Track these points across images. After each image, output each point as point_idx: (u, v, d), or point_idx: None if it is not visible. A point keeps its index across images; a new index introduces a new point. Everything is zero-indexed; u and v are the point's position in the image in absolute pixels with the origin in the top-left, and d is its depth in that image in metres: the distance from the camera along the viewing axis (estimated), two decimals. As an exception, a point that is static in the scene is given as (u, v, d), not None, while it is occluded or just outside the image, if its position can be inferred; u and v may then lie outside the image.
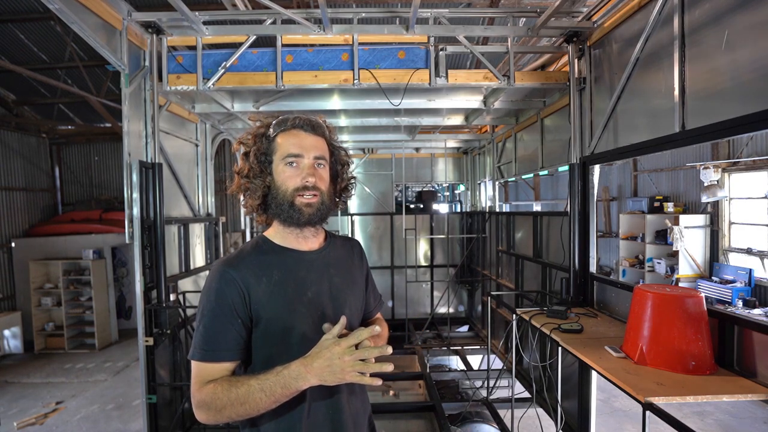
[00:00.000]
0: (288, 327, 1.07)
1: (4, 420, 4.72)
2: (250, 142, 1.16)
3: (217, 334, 1.04)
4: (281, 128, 1.14)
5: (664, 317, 2.05)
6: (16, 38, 6.57)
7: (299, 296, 1.10)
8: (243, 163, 1.16)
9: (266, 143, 1.14)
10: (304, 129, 1.14)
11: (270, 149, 1.14)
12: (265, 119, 1.19)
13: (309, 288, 1.13)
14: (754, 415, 4.61)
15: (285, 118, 1.16)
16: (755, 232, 6.11)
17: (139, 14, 3.04)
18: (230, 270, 1.07)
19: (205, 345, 1.04)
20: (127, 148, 3.09)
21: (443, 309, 7.09)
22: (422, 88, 3.48)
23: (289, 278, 1.11)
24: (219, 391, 0.98)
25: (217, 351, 1.04)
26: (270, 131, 1.15)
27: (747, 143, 6.03)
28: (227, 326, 1.04)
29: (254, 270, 1.08)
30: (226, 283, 1.05)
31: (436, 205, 8.50)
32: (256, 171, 1.13)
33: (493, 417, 3.95)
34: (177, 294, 3.85)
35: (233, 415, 0.98)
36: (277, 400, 0.97)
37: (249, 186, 1.14)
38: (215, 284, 1.06)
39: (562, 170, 4.20)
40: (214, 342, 1.04)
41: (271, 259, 1.12)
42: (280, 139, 1.14)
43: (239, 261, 1.10)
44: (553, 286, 4.02)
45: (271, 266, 1.11)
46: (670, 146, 2.45)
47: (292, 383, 0.95)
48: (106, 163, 9.37)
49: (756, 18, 1.89)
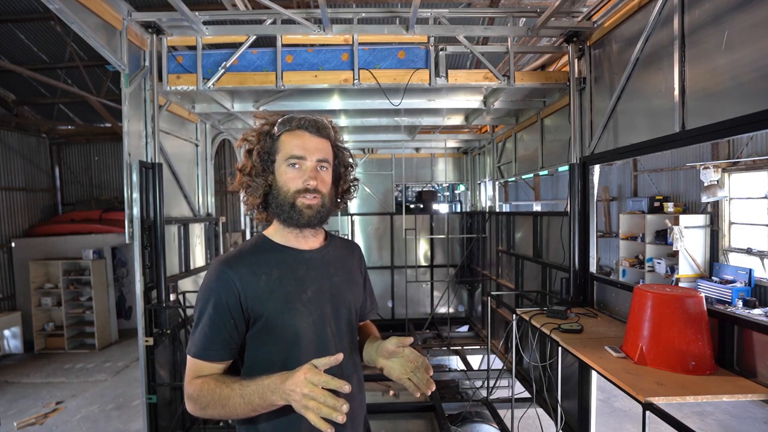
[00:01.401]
0: (286, 325, 1.07)
1: (4, 420, 4.72)
2: (254, 140, 1.15)
3: (211, 333, 1.04)
4: (286, 128, 1.13)
5: (664, 317, 2.05)
6: (16, 38, 6.56)
7: (299, 294, 1.10)
8: (246, 161, 1.15)
9: (270, 142, 1.14)
10: (309, 130, 1.13)
11: (273, 148, 1.13)
12: (271, 117, 1.18)
13: (309, 287, 1.12)
14: (754, 415, 4.61)
15: (290, 117, 1.14)
16: (755, 232, 6.11)
17: (139, 14, 3.04)
18: (227, 269, 1.06)
19: (199, 343, 1.05)
20: (127, 148, 3.08)
21: (443, 309, 7.09)
22: (422, 88, 3.48)
23: (289, 276, 1.11)
24: (205, 390, 1.00)
25: (210, 350, 1.05)
26: (275, 130, 1.14)
27: (747, 143, 6.03)
28: (221, 327, 1.04)
29: (253, 268, 1.08)
30: (222, 283, 1.05)
31: (436, 205, 8.50)
32: (259, 169, 1.13)
33: (493, 417, 3.95)
34: (177, 294, 3.86)
35: (215, 414, 0.99)
36: (255, 409, 0.96)
37: (251, 184, 1.13)
38: (212, 284, 1.06)
39: (562, 170, 4.20)
40: (208, 341, 1.04)
41: (270, 257, 1.12)
42: (284, 139, 1.13)
43: (237, 259, 1.09)
44: (553, 286, 4.02)
45: (271, 264, 1.11)
46: (670, 146, 2.45)
47: (268, 395, 0.94)
48: (106, 163, 9.37)
49: (756, 18, 1.89)
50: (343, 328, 1.18)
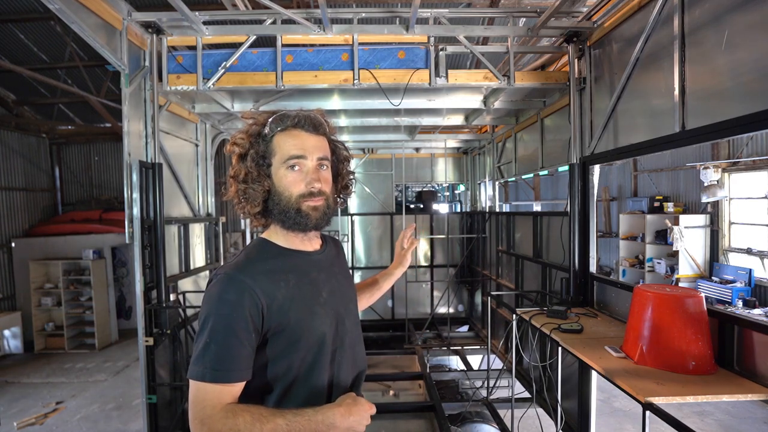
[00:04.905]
0: (312, 330, 1.02)
1: (4, 420, 4.72)
2: (245, 143, 1.06)
3: (233, 350, 0.92)
4: (279, 127, 1.05)
5: (664, 317, 2.05)
6: (16, 38, 6.57)
7: (316, 297, 1.06)
8: (239, 167, 1.05)
9: (263, 144, 1.05)
10: (305, 128, 1.06)
11: (268, 151, 1.05)
12: (260, 116, 1.09)
13: (323, 288, 1.09)
14: (754, 415, 4.61)
15: (283, 115, 1.06)
16: (755, 232, 6.11)
17: (139, 14, 3.04)
18: (244, 278, 0.96)
19: (219, 364, 0.91)
20: (127, 148, 3.08)
21: (443, 309, 7.09)
22: (422, 88, 3.48)
23: (305, 280, 1.06)
24: (242, 427, 0.87)
25: (233, 371, 0.92)
26: (266, 130, 1.06)
27: (747, 143, 6.03)
28: (243, 342, 0.93)
29: (269, 276, 1.00)
30: (241, 293, 0.94)
31: (436, 205, 8.50)
32: (254, 175, 1.04)
33: (493, 417, 3.95)
34: (177, 294, 3.86)
35: None
36: None
37: (247, 191, 1.04)
38: (227, 295, 0.94)
39: (562, 170, 4.20)
40: (229, 360, 0.91)
41: (282, 262, 1.05)
42: (279, 140, 1.05)
43: (251, 267, 1.00)
44: (553, 286, 4.02)
45: (286, 270, 1.04)
46: (670, 146, 2.45)
47: (323, 430, 0.90)
48: (106, 163, 9.37)
49: (756, 18, 1.89)
50: (354, 323, 1.18)
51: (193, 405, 0.91)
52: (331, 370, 1.06)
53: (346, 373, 1.10)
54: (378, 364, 5.04)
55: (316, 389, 1.02)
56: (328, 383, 1.05)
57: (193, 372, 0.92)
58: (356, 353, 1.16)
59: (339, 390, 1.06)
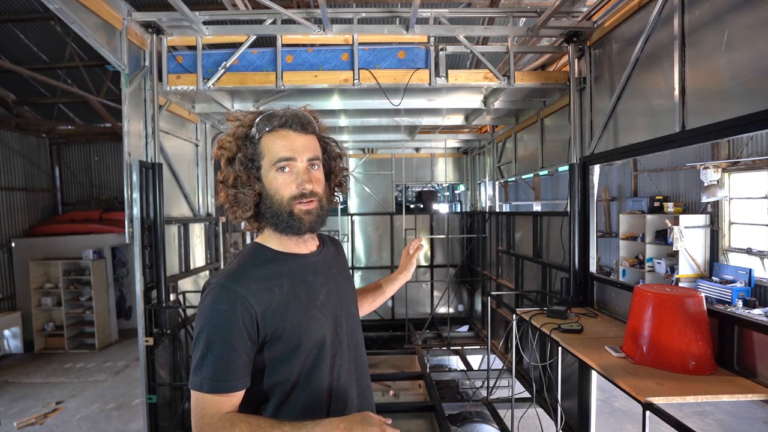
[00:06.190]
0: (310, 335, 1.00)
1: (4, 420, 4.72)
2: (233, 146, 1.03)
3: (230, 361, 0.92)
4: (267, 128, 1.02)
5: (664, 317, 2.04)
6: (16, 38, 6.57)
7: (313, 301, 1.04)
8: (227, 171, 1.03)
9: (251, 147, 1.03)
10: (294, 128, 1.03)
11: (256, 153, 1.02)
12: (245, 117, 1.06)
13: (320, 291, 1.08)
14: (754, 415, 4.61)
15: (269, 115, 1.03)
16: (755, 232, 6.10)
17: (139, 14, 3.04)
18: (236, 287, 0.95)
19: (216, 375, 0.91)
20: (127, 148, 3.08)
21: (443, 309, 7.09)
22: (422, 88, 3.48)
23: (300, 285, 1.04)
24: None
25: (231, 381, 0.92)
26: (253, 131, 1.03)
27: (747, 143, 6.03)
28: (239, 351, 0.93)
29: (263, 283, 0.99)
30: (234, 303, 0.94)
31: (436, 205, 8.51)
32: (244, 179, 1.02)
33: (493, 417, 3.95)
34: (177, 294, 3.86)
35: None
36: None
37: (238, 196, 1.02)
38: (220, 305, 0.94)
39: (562, 170, 4.20)
40: (226, 371, 0.92)
41: (276, 267, 1.04)
42: (267, 141, 1.02)
43: (243, 275, 0.99)
44: (553, 286, 4.02)
45: (280, 275, 1.02)
46: (670, 146, 2.45)
47: None
48: (106, 163, 9.37)
49: (756, 18, 1.89)
50: (353, 325, 1.16)
51: (193, 414, 0.92)
52: (331, 375, 1.05)
53: (347, 377, 1.09)
54: (378, 364, 5.04)
55: (316, 394, 1.02)
56: (328, 387, 1.04)
57: (192, 382, 0.93)
58: (357, 356, 1.15)
59: (339, 394, 1.05)
